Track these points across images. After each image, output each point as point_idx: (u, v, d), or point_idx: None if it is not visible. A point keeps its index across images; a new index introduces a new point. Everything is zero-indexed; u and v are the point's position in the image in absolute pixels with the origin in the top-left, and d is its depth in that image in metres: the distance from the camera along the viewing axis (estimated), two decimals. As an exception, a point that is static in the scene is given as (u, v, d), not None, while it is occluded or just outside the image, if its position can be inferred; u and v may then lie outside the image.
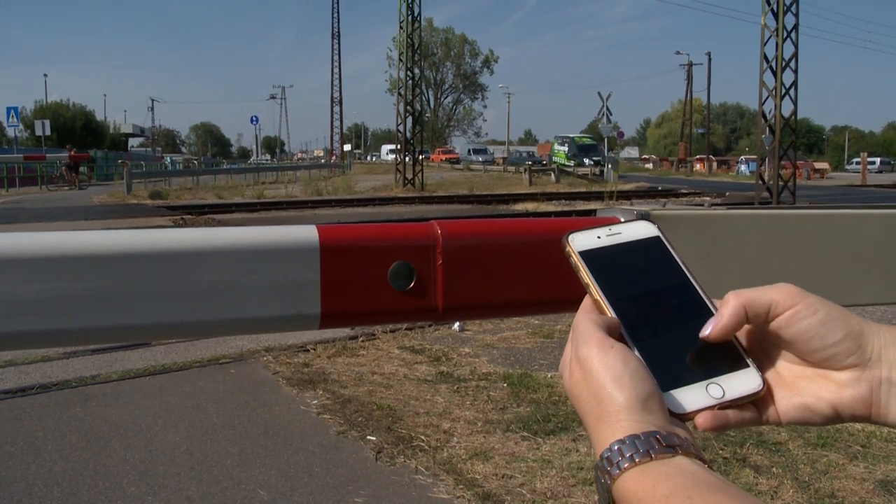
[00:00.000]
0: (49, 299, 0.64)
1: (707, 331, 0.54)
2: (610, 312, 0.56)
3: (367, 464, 3.39)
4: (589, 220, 0.79)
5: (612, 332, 0.54)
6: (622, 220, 0.78)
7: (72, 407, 4.14)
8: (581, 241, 0.60)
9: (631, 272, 0.59)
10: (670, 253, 0.60)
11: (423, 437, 3.63)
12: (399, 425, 3.80)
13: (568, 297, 0.75)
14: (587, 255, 0.59)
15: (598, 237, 0.60)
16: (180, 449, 3.56)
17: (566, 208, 18.43)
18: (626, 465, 0.46)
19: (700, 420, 0.53)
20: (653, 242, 0.61)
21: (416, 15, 26.66)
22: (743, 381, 0.54)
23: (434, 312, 0.74)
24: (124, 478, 3.23)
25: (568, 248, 0.59)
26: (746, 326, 0.55)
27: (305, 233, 0.70)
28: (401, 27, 26.68)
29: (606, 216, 0.82)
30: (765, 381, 0.55)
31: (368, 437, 3.66)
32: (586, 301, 0.58)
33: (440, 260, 0.73)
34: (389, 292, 0.72)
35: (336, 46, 74.69)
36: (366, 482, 3.21)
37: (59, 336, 0.67)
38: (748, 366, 0.55)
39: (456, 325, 5.94)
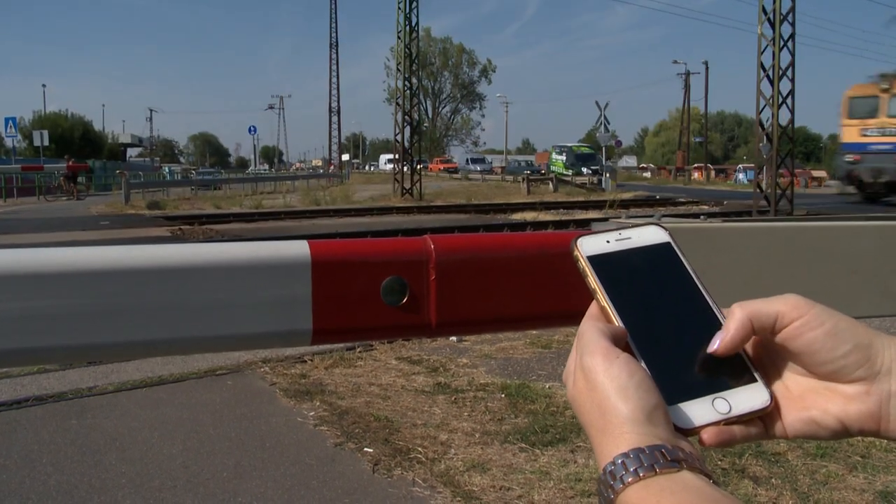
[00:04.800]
0: (41, 317, 0.63)
1: (715, 345, 0.53)
2: (617, 321, 0.54)
3: (364, 476, 3.37)
4: (584, 233, 0.78)
5: (619, 342, 0.52)
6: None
7: (68, 419, 4.12)
8: (590, 245, 0.58)
9: (639, 279, 0.57)
10: (680, 260, 0.58)
11: (420, 449, 3.61)
12: (396, 437, 3.79)
13: (563, 311, 0.74)
14: (595, 260, 0.57)
15: (608, 241, 0.59)
16: (176, 461, 3.53)
17: (564, 217, 18.42)
18: (629, 480, 0.45)
19: (705, 436, 0.52)
20: (663, 248, 0.59)
21: (413, 25, 26.67)
22: (750, 396, 0.53)
23: (427, 328, 0.73)
24: (120, 491, 3.21)
25: (576, 253, 0.58)
26: (754, 338, 0.54)
27: (297, 248, 0.69)
28: (399, 37, 26.69)
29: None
30: (772, 397, 0.53)
31: (366, 449, 3.64)
32: (593, 307, 0.57)
33: (433, 275, 0.72)
34: (382, 308, 0.71)
35: (334, 56, 74.43)
36: (363, 494, 3.20)
37: (51, 354, 0.66)
38: (756, 380, 0.53)
39: (453, 336, 5.92)
